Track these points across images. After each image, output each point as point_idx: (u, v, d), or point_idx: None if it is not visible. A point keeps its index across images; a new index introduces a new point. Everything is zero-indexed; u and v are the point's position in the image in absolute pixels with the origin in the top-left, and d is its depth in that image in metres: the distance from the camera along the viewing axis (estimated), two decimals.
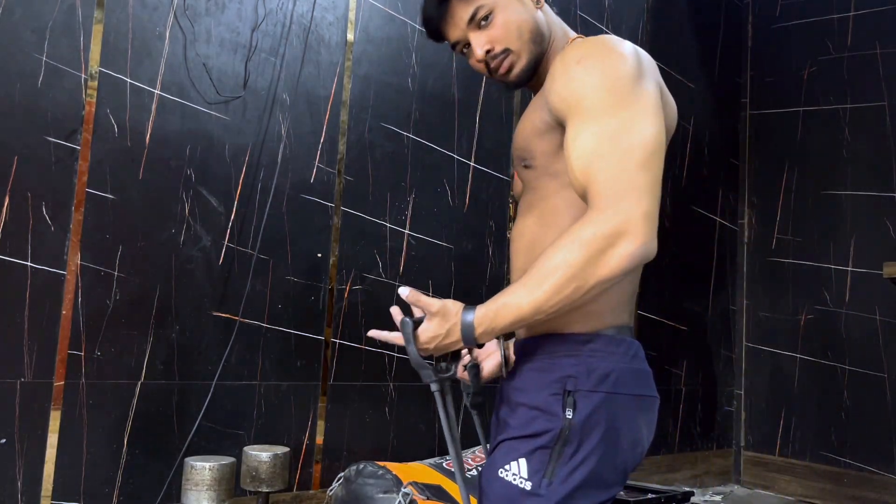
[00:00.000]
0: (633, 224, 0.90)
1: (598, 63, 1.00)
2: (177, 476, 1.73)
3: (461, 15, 1.15)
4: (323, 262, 2.06)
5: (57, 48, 1.65)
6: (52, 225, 1.64)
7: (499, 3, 1.15)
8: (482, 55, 1.15)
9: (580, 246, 0.90)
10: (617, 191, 0.91)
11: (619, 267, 0.90)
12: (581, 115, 0.98)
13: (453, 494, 1.81)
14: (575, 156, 0.96)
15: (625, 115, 0.95)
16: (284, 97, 2.00)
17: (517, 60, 1.16)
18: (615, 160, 0.93)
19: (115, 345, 1.71)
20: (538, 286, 0.92)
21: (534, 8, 1.17)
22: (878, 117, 2.91)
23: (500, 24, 1.14)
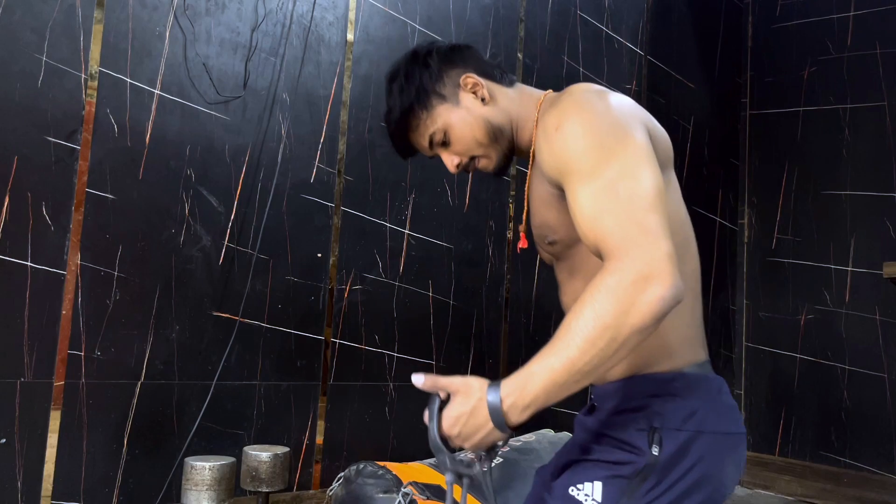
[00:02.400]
0: (657, 266, 0.86)
1: (576, 123, 0.98)
2: (177, 476, 1.73)
3: (420, 143, 1.21)
4: (323, 262, 2.06)
5: (57, 48, 1.65)
6: (52, 225, 1.64)
7: (448, 122, 1.18)
8: (455, 169, 1.20)
9: (607, 295, 0.86)
10: (631, 237, 0.88)
11: (651, 313, 0.85)
12: (575, 177, 0.96)
13: None
14: (580, 218, 0.95)
15: (617, 165, 0.93)
16: (284, 97, 2.00)
17: (488, 161, 1.19)
18: (620, 209, 0.90)
19: (115, 345, 1.71)
20: (569, 344, 0.87)
21: (481, 108, 1.18)
22: (878, 117, 2.91)
23: (457, 140, 1.18)
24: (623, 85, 2.90)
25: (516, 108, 1.19)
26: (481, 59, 1.23)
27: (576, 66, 2.73)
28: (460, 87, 1.18)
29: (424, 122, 1.18)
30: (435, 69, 1.19)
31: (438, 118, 1.18)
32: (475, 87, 1.18)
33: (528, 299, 2.54)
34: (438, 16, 2.34)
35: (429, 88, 1.18)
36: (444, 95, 1.18)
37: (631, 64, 2.94)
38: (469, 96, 1.18)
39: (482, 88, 1.18)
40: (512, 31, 2.54)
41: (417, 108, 1.18)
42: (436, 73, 1.19)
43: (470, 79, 1.18)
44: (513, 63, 2.54)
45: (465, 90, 1.18)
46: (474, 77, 1.18)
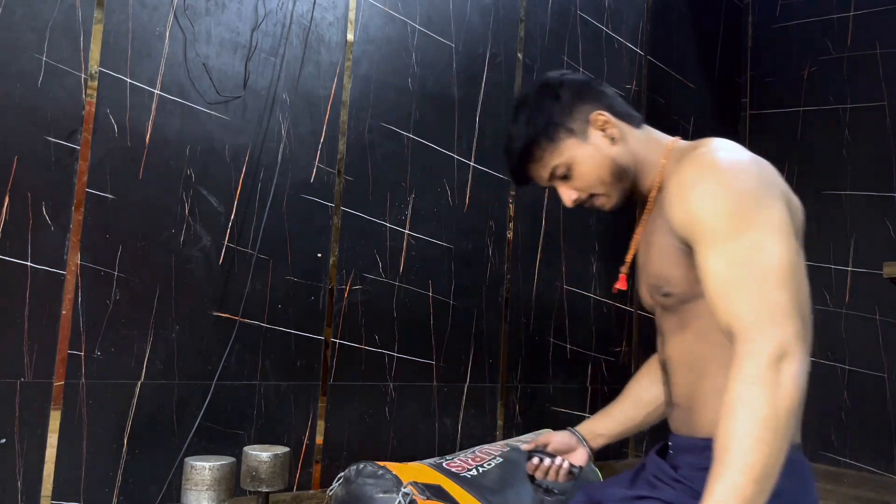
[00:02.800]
0: (787, 346, 0.87)
1: (716, 183, 0.97)
2: (177, 476, 1.73)
3: (540, 174, 1.20)
4: (323, 262, 2.06)
5: (57, 48, 1.65)
6: (52, 225, 1.64)
7: (573, 157, 1.16)
8: (571, 204, 1.20)
9: (753, 385, 0.86)
10: (763, 317, 0.88)
11: (796, 389, 0.86)
12: (707, 240, 0.95)
13: (453, 494, 1.81)
14: (711, 285, 0.94)
15: (754, 235, 0.92)
16: (284, 97, 2.00)
17: (606, 200, 1.19)
18: (753, 284, 0.90)
19: (115, 345, 1.71)
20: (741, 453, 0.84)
21: (609, 147, 1.16)
22: (878, 117, 2.91)
23: (579, 176, 1.17)
24: (623, 85, 2.90)
25: (643, 151, 1.18)
26: (613, 97, 1.22)
27: (576, 66, 2.73)
28: (590, 123, 1.17)
29: (549, 154, 1.17)
30: (566, 102, 1.18)
31: (564, 152, 1.17)
32: (605, 125, 1.17)
33: (528, 299, 2.54)
34: (438, 16, 2.34)
35: (558, 121, 1.17)
36: (573, 130, 1.17)
37: (631, 64, 2.94)
38: (598, 133, 1.17)
39: (612, 127, 1.17)
40: (512, 31, 2.54)
41: (544, 140, 1.17)
42: (567, 106, 1.18)
43: (601, 116, 1.17)
44: (513, 63, 2.54)
45: (595, 127, 1.17)
46: (605, 115, 1.17)
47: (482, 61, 2.46)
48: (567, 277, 2.67)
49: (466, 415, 2.34)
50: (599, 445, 1.40)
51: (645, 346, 2.89)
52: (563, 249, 2.67)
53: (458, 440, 2.29)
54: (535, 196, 2.61)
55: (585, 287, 2.74)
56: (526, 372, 2.52)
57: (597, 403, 2.72)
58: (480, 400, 2.38)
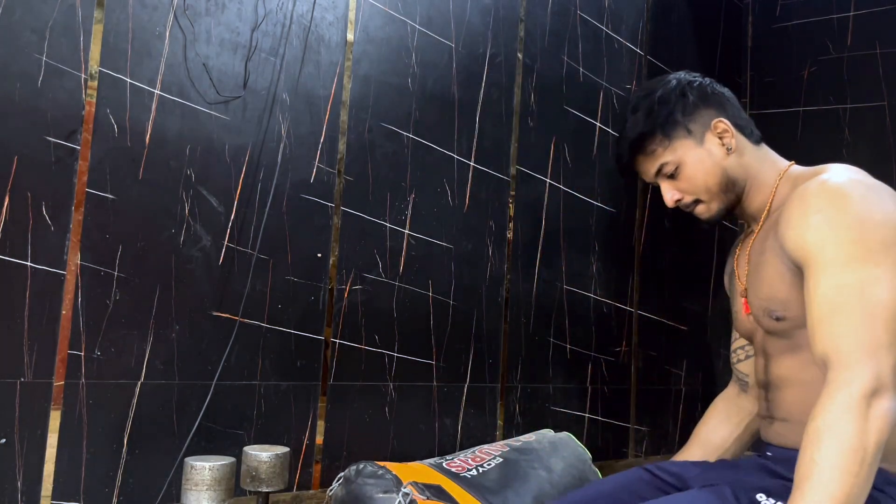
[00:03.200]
0: (884, 380, 0.84)
1: (841, 210, 0.95)
2: (177, 476, 1.73)
3: (647, 168, 1.20)
4: (323, 262, 2.06)
5: (57, 48, 1.65)
6: (52, 225, 1.64)
7: (685, 158, 1.17)
8: (672, 204, 1.20)
9: (843, 415, 0.84)
10: (861, 349, 0.86)
11: (885, 427, 0.84)
12: (820, 264, 0.94)
13: (453, 494, 1.81)
14: (815, 310, 0.92)
15: (870, 269, 0.90)
16: (284, 97, 2.00)
17: (706, 209, 1.19)
18: (857, 316, 0.88)
19: (115, 345, 1.71)
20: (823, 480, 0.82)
21: (723, 156, 1.17)
22: (878, 117, 2.91)
23: (686, 178, 1.17)
24: (623, 85, 2.90)
25: (756, 168, 1.19)
26: (738, 109, 1.22)
27: (576, 66, 2.73)
28: (709, 129, 1.17)
29: (662, 149, 1.18)
30: (691, 102, 1.18)
31: (678, 150, 1.17)
32: (724, 133, 1.17)
33: (528, 299, 2.54)
34: (438, 16, 2.34)
35: (678, 119, 1.17)
36: (691, 131, 1.18)
37: (631, 64, 2.94)
38: (715, 140, 1.17)
39: (730, 137, 1.17)
40: (512, 31, 2.54)
41: (660, 134, 1.17)
42: (690, 106, 1.18)
43: (721, 124, 1.18)
44: (513, 63, 2.54)
45: (713, 133, 1.18)
46: (726, 123, 1.18)
47: (482, 61, 2.46)
48: (567, 277, 2.67)
49: (466, 415, 2.34)
50: None
51: (645, 346, 2.89)
52: (563, 249, 2.67)
53: (458, 440, 2.29)
54: (535, 196, 2.61)
55: (585, 287, 2.74)
56: (526, 372, 2.52)
57: (597, 403, 2.72)
58: (480, 400, 2.38)
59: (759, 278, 1.12)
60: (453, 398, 2.30)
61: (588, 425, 2.72)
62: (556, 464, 2.09)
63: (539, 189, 2.63)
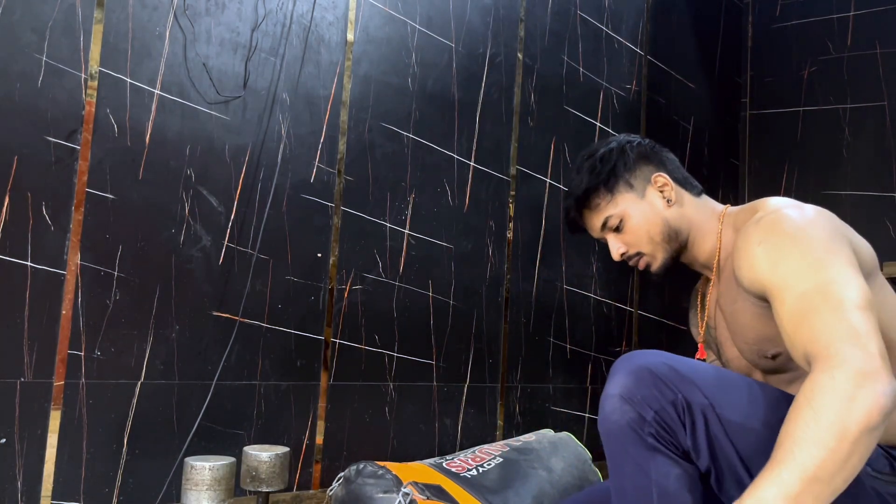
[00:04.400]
0: (871, 364, 0.82)
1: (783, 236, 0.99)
2: (177, 476, 1.73)
3: (594, 223, 1.26)
4: (323, 262, 2.06)
5: (57, 48, 1.65)
6: (52, 225, 1.64)
7: (627, 211, 1.22)
8: (618, 257, 1.26)
9: (825, 392, 0.81)
10: (841, 337, 0.85)
11: (878, 408, 0.80)
12: (780, 287, 0.96)
13: (453, 494, 1.81)
14: (787, 321, 0.93)
15: (826, 274, 0.92)
16: (284, 97, 2.00)
17: (652, 260, 1.24)
18: (829, 309, 0.88)
19: (115, 345, 1.71)
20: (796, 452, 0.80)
21: (664, 207, 1.22)
22: (878, 117, 2.91)
23: (629, 231, 1.23)
24: (623, 85, 2.90)
25: (698, 218, 1.23)
26: (676, 165, 1.28)
27: (576, 66, 2.73)
28: (650, 183, 1.23)
29: (605, 203, 1.23)
30: (631, 159, 1.24)
31: (620, 204, 1.23)
32: (664, 186, 1.23)
33: (528, 299, 2.54)
34: (438, 16, 2.34)
35: (620, 173, 1.23)
36: (632, 185, 1.23)
37: (631, 64, 2.94)
38: (656, 194, 1.23)
39: (670, 190, 1.23)
40: (512, 31, 2.54)
41: (604, 190, 1.23)
42: (631, 162, 1.24)
43: (661, 178, 1.24)
44: (513, 63, 2.54)
45: (654, 187, 1.23)
46: (665, 177, 1.24)
47: (482, 61, 2.46)
48: (567, 277, 2.67)
49: (466, 415, 2.34)
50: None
51: (644, 346, 2.89)
52: (563, 249, 2.67)
53: (458, 440, 2.29)
54: (535, 196, 2.61)
55: (585, 287, 2.74)
56: (526, 372, 2.52)
57: (596, 403, 2.72)
58: (480, 400, 2.38)
59: (742, 325, 1.14)
60: (453, 398, 2.30)
61: (588, 425, 2.72)
62: (556, 464, 2.09)
63: (539, 189, 2.63)
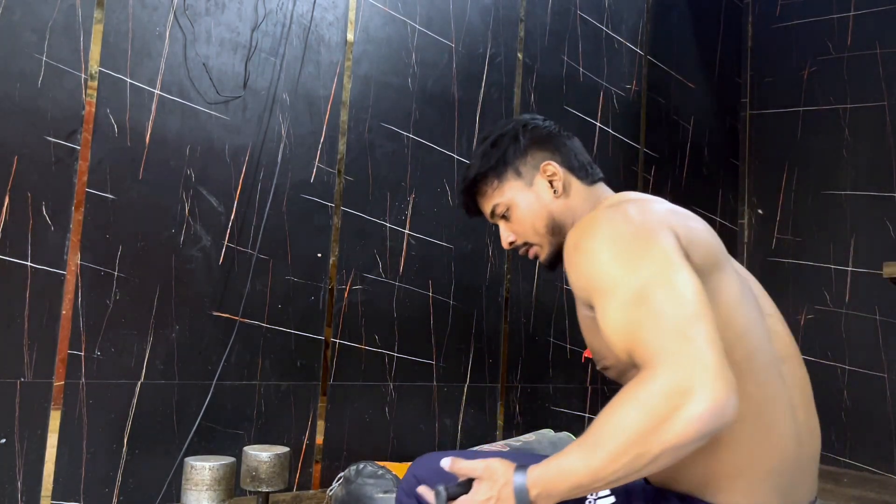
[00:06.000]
0: (697, 380, 0.75)
1: (594, 237, 0.93)
2: (177, 476, 1.73)
3: (484, 208, 1.22)
4: (323, 262, 2.06)
5: (57, 48, 1.65)
6: (52, 225, 1.64)
7: (514, 201, 1.18)
8: (507, 246, 1.21)
9: (637, 408, 0.77)
10: (668, 345, 0.78)
11: (687, 432, 0.75)
12: (601, 294, 0.89)
13: None
14: (612, 334, 0.86)
15: (645, 272, 0.85)
16: (284, 97, 2.00)
17: (540, 251, 1.20)
18: (655, 317, 0.81)
19: (115, 345, 1.71)
20: (594, 451, 0.81)
21: (551, 198, 1.17)
22: (878, 117, 2.91)
23: (516, 221, 1.18)
24: (623, 85, 2.90)
25: (581, 210, 1.17)
26: (574, 151, 1.21)
27: (576, 66, 2.73)
28: (539, 171, 1.18)
29: (493, 191, 1.19)
30: (522, 145, 1.19)
31: (507, 193, 1.18)
32: (552, 176, 1.17)
33: (528, 299, 2.54)
34: (438, 16, 2.34)
35: (509, 161, 1.18)
36: (521, 173, 1.18)
37: (631, 64, 2.94)
38: (544, 183, 1.17)
39: (559, 180, 1.17)
40: (512, 31, 2.54)
41: (491, 176, 1.19)
42: (522, 149, 1.19)
43: (550, 167, 1.17)
44: (513, 63, 2.54)
45: (543, 176, 1.18)
46: (555, 166, 1.17)
47: (482, 61, 2.46)
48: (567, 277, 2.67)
49: (466, 415, 2.34)
50: None
51: None
52: None
53: (458, 440, 2.29)
54: None
55: None
56: (526, 372, 2.52)
57: (597, 403, 2.72)
58: (480, 400, 2.38)
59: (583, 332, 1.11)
60: (453, 398, 2.30)
61: (588, 425, 2.71)
62: None
63: None
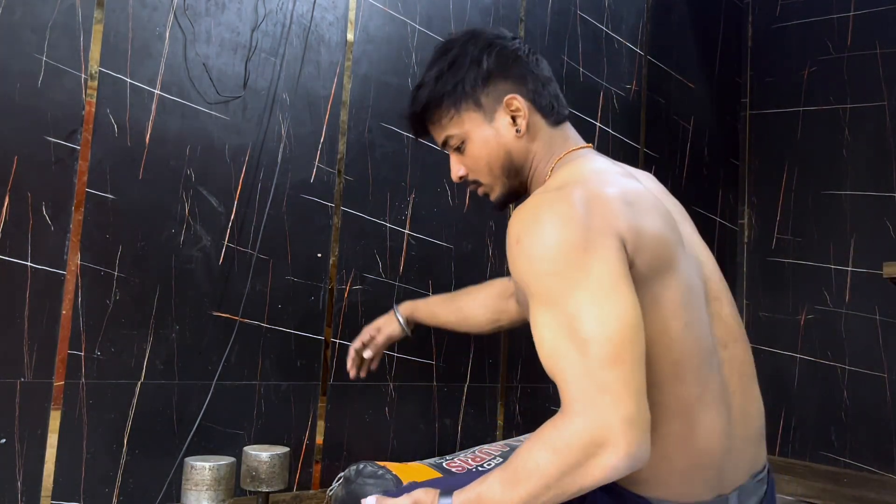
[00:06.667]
0: (612, 433, 0.76)
1: (536, 240, 0.85)
2: (177, 476, 1.73)
3: (435, 136, 1.10)
4: (323, 262, 2.06)
5: (57, 48, 1.65)
6: (52, 225, 1.64)
7: (471, 134, 1.04)
8: (456, 179, 1.10)
9: (554, 454, 0.78)
10: (585, 395, 0.78)
11: (602, 477, 0.78)
12: (533, 300, 0.86)
13: None
14: (539, 348, 0.87)
15: (577, 297, 0.81)
16: (284, 97, 2.00)
17: (491, 191, 1.09)
18: (576, 358, 0.80)
19: (115, 345, 1.71)
20: (514, 487, 0.82)
21: (512, 137, 1.03)
22: (878, 117, 2.91)
23: (469, 156, 1.06)
24: (623, 85, 2.90)
25: (541, 155, 1.05)
26: (542, 82, 1.06)
27: (576, 66, 2.73)
28: (502, 105, 1.03)
29: (448, 121, 1.05)
30: (485, 72, 1.03)
31: (465, 125, 1.04)
32: (516, 112, 1.03)
33: None
34: (438, 16, 2.34)
35: (467, 89, 1.03)
36: (482, 105, 1.03)
37: (631, 64, 2.94)
38: (506, 119, 1.03)
39: (522, 118, 1.03)
40: (512, 31, 2.53)
41: (447, 104, 1.04)
42: (484, 77, 1.03)
43: (515, 101, 1.03)
44: None
45: (505, 111, 1.03)
46: (520, 101, 1.03)
47: None
48: None
49: (466, 415, 2.34)
50: None
51: None
52: None
53: (458, 440, 2.29)
54: None
55: None
56: (526, 372, 2.52)
57: None
58: (480, 400, 2.38)
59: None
60: (453, 398, 2.30)
61: None
62: None
63: None
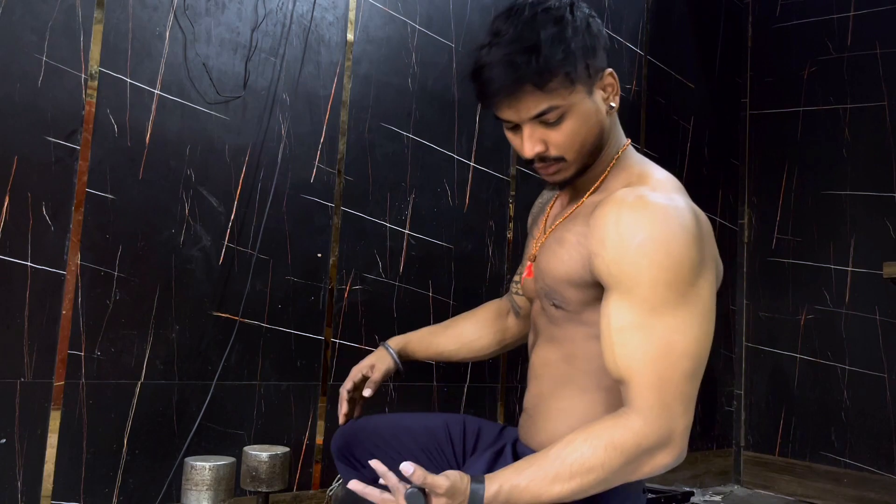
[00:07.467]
0: (675, 437, 0.87)
1: (662, 248, 0.87)
2: (177, 476, 1.73)
3: (528, 106, 0.93)
4: (323, 262, 2.06)
5: (57, 48, 1.65)
6: (52, 225, 1.64)
7: (574, 107, 0.94)
8: (531, 155, 0.97)
9: (621, 455, 0.85)
10: (664, 401, 0.86)
11: (648, 474, 0.89)
12: (632, 301, 0.88)
13: None
14: (619, 346, 0.89)
15: (680, 314, 0.88)
16: (284, 97, 2.00)
17: (566, 169, 1.00)
18: (665, 367, 0.87)
19: (115, 345, 1.71)
20: (565, 481, 0.86)
21: (605, 114, 0.99)
22: (878, 117, 2.91)
23: (566, 132, 0.95)
24: (623, 85, 2.90)
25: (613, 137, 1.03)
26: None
27: None
28: (599, 78, 0.97)
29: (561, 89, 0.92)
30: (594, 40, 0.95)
31: (572, 95, 0.93)
32: (609, 87, 0.98)
33: None
34: (438, 16, 2.34)
35: (581, 58, 0.92)
36: (590, 78, 0.95)
37: (631, 64, 2.94)
38: (601, 94, 0.97)
39: (616, 95, 0.99)
40: None
41: (565, 70, 0.91)
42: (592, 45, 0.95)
43: (611, 76, 0.97)
44: None
45: (601, 84, 0.97)
46: (615, 76, 0.98)
47: None
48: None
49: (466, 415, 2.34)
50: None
51: None
52: None
53: None
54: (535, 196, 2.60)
55: None
56: (526, 372, 2.52)
57: None
58: (480, 400, 2.38)
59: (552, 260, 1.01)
60: (453, 398, 2.30)
61: None
62: None
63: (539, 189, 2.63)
